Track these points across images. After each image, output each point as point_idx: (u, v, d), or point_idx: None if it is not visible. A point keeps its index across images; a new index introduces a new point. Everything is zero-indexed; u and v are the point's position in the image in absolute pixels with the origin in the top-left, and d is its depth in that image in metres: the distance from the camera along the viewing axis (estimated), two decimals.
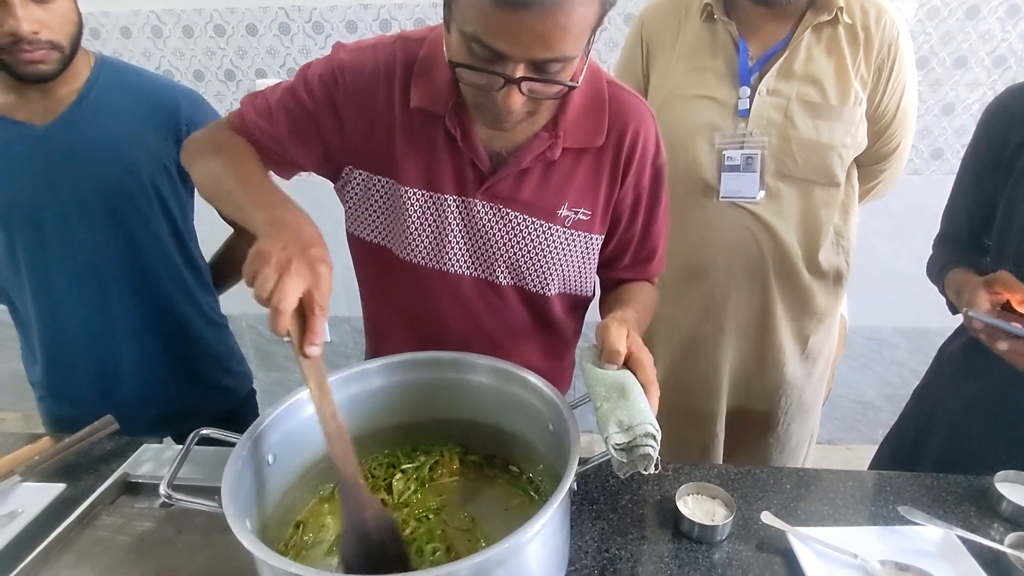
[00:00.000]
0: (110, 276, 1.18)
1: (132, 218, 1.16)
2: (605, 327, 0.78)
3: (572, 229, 0.93)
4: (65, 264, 1.16)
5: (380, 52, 0.89)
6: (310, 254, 0.67)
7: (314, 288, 0.65)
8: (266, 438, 0.75)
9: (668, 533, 0.87)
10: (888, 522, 0.88)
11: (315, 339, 0.66)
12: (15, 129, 1.09)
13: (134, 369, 1.25)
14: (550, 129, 0.88)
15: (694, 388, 1.41)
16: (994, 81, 1.92)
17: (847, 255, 1.33)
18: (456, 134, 0.87)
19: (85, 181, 1.11)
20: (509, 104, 0.73)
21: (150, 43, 2.14)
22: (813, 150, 1.20)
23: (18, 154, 1.09)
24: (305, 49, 2.10)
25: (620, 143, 0.90)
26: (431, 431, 0.91)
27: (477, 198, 0.91)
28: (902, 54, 1.18)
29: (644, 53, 1.31)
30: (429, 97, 0.87)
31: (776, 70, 1.18)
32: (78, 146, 1.11)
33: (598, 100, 0.89)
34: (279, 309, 0.62)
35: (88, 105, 1.12)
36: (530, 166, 0.89)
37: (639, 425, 0.68)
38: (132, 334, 1.23)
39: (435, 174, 0.90)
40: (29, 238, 1.14)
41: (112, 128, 1.13)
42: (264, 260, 0.65)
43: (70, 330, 1.21)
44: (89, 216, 1.13)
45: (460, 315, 0.97)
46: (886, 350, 2.32)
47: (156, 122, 1.16)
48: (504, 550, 0.59)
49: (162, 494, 0.66)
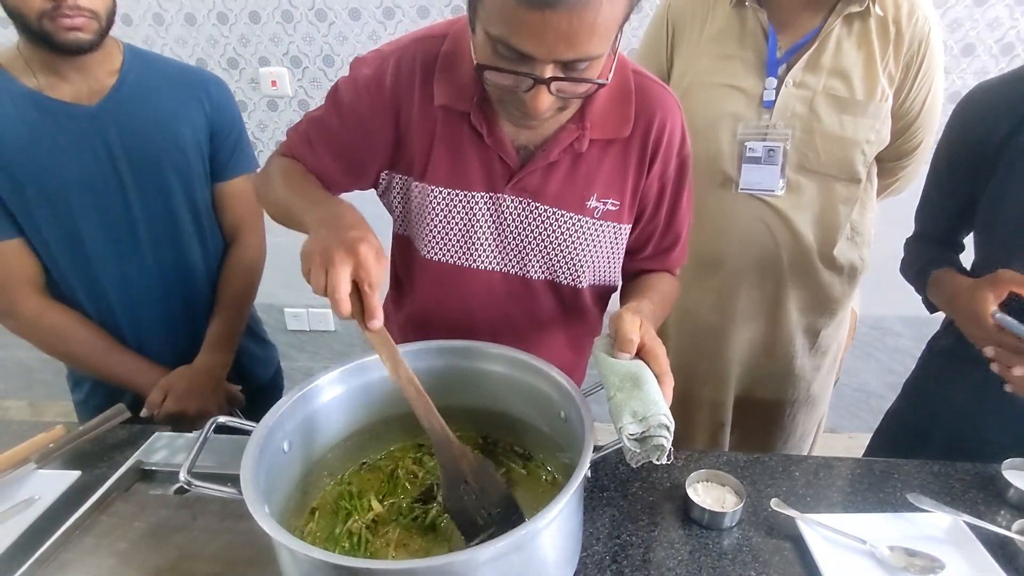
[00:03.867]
0: (157, 246, 1.22)
1: (178, 189, 1.21)
2: (619, 317, 0.79)
3: (601, 220, 0.93)
4: (123, 236, 1.18)
5: (399, 57, 0.89)
6: (349, 238, 0.69)
7: (359, 268, 0.68)
8: (282, 426, 0.76)
9: (678, 520, 0.88)
10: (896, 509, 0.89)
11: (375, 313, 0.69)
12: (66, 109, 1.10)
13: (184, 339, 1.30)
14: (577, 121, 0.87)
15: (703, 377, 1.42)
16: (1002, 69, 1.91)
17: (862, 250, 1.32)
18: (482, 130, 0.87)
19: (140, 157, 1.15)
20: (538, 105, 0.73)
21: (152, 31, 2.13)
22: (836, 145, 1.18)
23: (74, 133, 1.11)
24: (308, 37, 2.09)
25: (647, 133, 0.90)
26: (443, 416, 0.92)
27: (506, 193, 0.91)
28: (932, 51, 1.16)
29: (669, 37, 1.29)
30: (453, 94, 0.87)
31: (804, 62, 1.16)
32: (130, 124, 1.14)
33: (624, 91, 0.89)
34: (334, 298, 0.66)
35: (131, 85, 1.15)
36: (558, 159, 0.89)
37: (653, 416, 0.68)
38: (164, 310, 1.27)
39: (462, 171, 0.91)
40: (92, 213, 1.15)
41: (158, 105, 1.17)
42: (311, 258, 0.69)
43: (115, 301, 1.23)
44: (145, 189, 1.18)
45: (490, 311, 0.98)
46: (890, 339, 2.33)
47: (192, 100, 1.21)
48: (522, 536, 0.60)
49: (182, 480, 0.67)
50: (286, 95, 2.18)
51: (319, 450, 0.83)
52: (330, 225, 0.73)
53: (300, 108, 2.20)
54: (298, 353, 2.65)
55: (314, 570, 0.61)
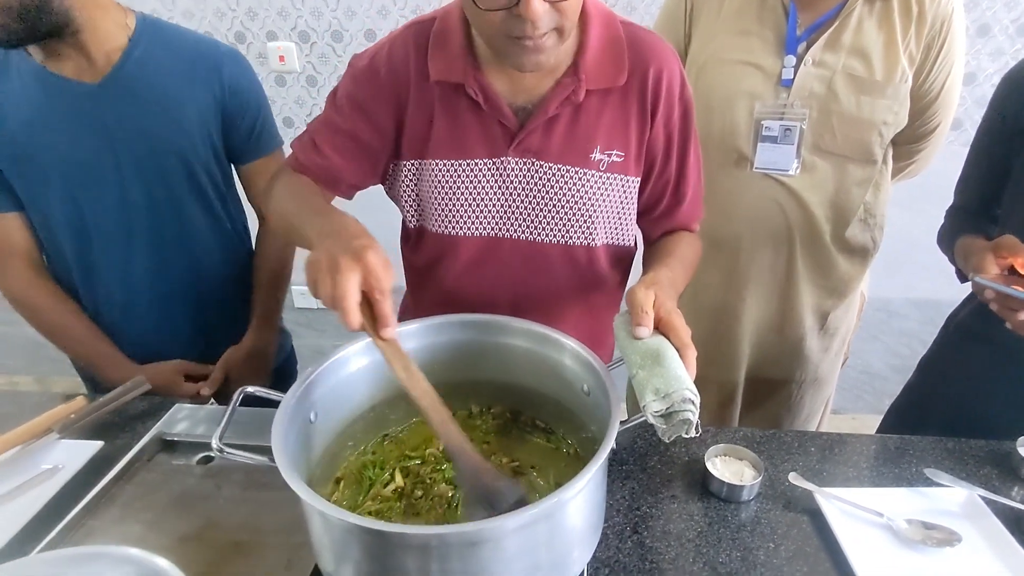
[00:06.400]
0: (162, 231, 1.20)
1: (181, 174, 1.18)
2: (632, 293, 0.79)
3: (607, 172, 0.93)
4: (123, 218, 1.17)
5: (394, 43, 0.91)
6: (354, 246, 0.68)
7: (367, 275, 0.66)
8: (309, 395, 0.76)
9: (697, 493, 0.89)
10: (911, 484, 0.90)
11: (387, 321, 0.68)
12: (66, 86, 1.08)
13: (180, 326, 1.29)
14: (571, 75, 0.88)
15: (714, 355, 1.42)
16: (1017, 50, 1.90)
17: (874, 232, 1.32)
18: (478, 98, 0.88)
19: (139, 137, 1.12)
20: (533, 12, 0.73)
21: (158, 3, 2.11)
22: (853, 126, 1.18)
23: (73, 110, 1.09)
24: (316, 11, 2.06)
25: (644, 81, 0.91)
26: (463, 392, 0.92)
27: (509, 155, 0.91)
28: (954, 32, 1.15)
29: (688, 12, 1.28)
30: (447, 68, 0.88)
31: (824, 41, 1.15)
32: (131, 103, 1.11)
33: (615, 40, 0.90)
34: (342, 308, 0.64)
35: (135, 62, 1.11)
36: (557, 113, 0.90)
37: (676, 391, 0.68)
38: (180, 291, 1.26)
39: (464, 142, 0.91)
40: (91, 193, 1.14)
41: (161, 85, 1.13)
42: (317, 269, 0.67)
43: (122, 284, 1.23)
44: (144, 171, 1.15)
45: (508, 284, 0.98)
46: (896, 321, 2.34)
47: (200, 80, 1.16)
48: (552, 505, 0.61)
49: (214, 448, 0.67)
50: (294, 70, 2.16)
51: (343, 421, 0.83)
52: (334, 235, 0.72)
53: (308, 84, 2.19)
54: (306, 331, 2.65)
55: (347, 535, 0.62)
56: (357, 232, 0.72)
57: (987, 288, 0.93)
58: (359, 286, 0.65)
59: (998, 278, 0.93)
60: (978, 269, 0.96)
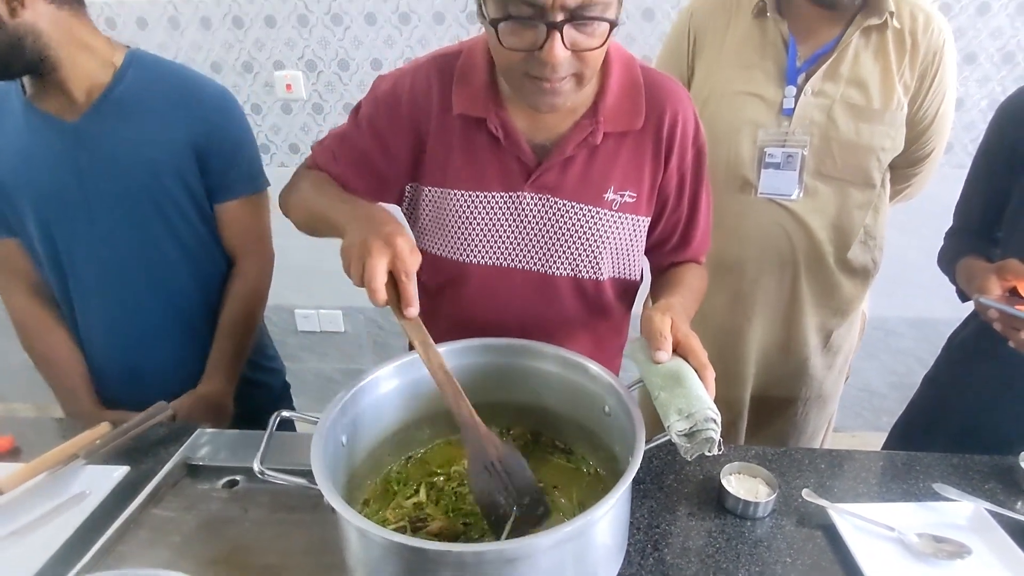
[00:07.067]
0: (135, 272, 1.20)
1: (153, 216, 1.17)
2: (648, 318, 0.82)
3: (619, 212, 0.96)
4: (94, 258, 1.18)
5: (417, 73, 0.95)
6: (384, 231, 0.73)
7: (395, 258, 0.71)
8: (340, 420, 0.79)
9: (713, 510, 0.91)
10: (920, 498, 0.93)
11: (410, 302, 0.73)
12: (48, 122, 1.11)
13: (161, 365, 1.28)
14: (590, 116, 0.92)
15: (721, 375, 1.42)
16: (1003, 77, 1.97)
17: (875, 253, 1.37)
18: (499, 134, 0.91)
19: (109, 178, 1.13)
20: (554, 57, 0.76)
21: (166, 34, 2.15)
22: (853, 152, 1.23)
23: (49, 147, 1.11)
24: (324, 40, 2.11)
25: (660, 125, 0.94)
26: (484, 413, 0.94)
27: (525, 191, 0.95)
28: (946, 63, 1.21)
29: (691, 45, 1.33)
30: (470, 102, 0.92)
31: (823, 71, 1.21)
32: (104, 142, 1.11)
33: (634, 84, 0.93)
34: (371, 287, 0.70)
35: (114, 101, 1.11)
36: (574, 154, 0.93)
37: (698, 411, 0.71)
38: (157, 330, 1.26)
39: (483, 174, 0.95)
40: (64, 230, 1.16)
41: (137, 125, 1.12)
42: (349, 253, 0.74)
43: (100, 323, 1.24)
44: (114, 212, 1.15)
45: (517, 311, 1.01)
46: (893, 340, 2.38)
47: (178, 119, 1.14)
48: (583, 524, 0.63)
49: (256, 471, 0.70)
50: (300, 98, 2.21)
51: (371, 443, 0.86)
52: (365, 221, 0.77)
53: (314, 111, 2.23)
54: (308, 355, 2.67)
55: (386, 553, 0.64)
56: (385, 219, 0.78)
57: (991, 308, 0.97)
58: (387, 268, 0.71)
59: (1001, 299, 0.97)
60: (982, 290, 1.00)
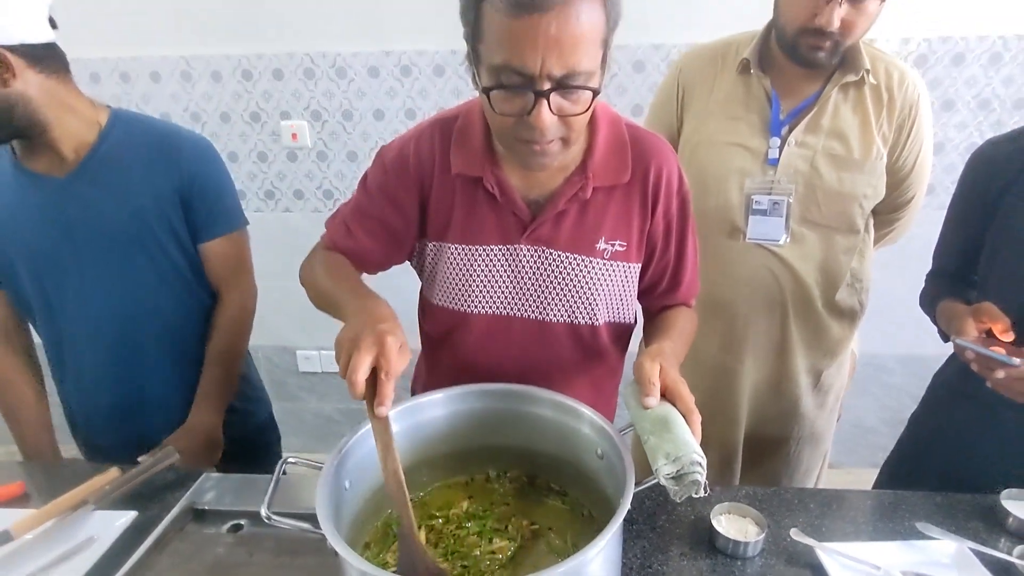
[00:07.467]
0: (124, 312, 1.27)
1: (141, 259, 1.24)
2: (639, 365, 0.87)
3: (611, 260, 1.02)
4: (84, 304, 1.25)
5: (421, 136, 1.02)
6: (377, 329, 0.77)
7: (380, 356, 0.74)
8: (344, 464, 0.82)
9: (704, 550, 0.94)
10: (905, 537, 0.96)
11: (384, 401, 0.75)
12: (36, 181, 1.19)
13: (152, 401, 1.34)
14: (580, 172, 0.98)
15: (714, 415, 1.49)
16: (980, 122, 2.05)
17: (861, 296, 1.43)
18: (495, 191, 0.98)
19: (98, 227, 1.20)
20: (542, 122, 0.81)
21: (179, 87, 2.24)
22: (836, 199, 1.29)
23: (38, 204, 1.19)
24: (328, 92, 2.20)
25: (646, 178, 1.00)
26: (481, 457, 0.99)
27: (521, 244, 1.00)
28: (921, 115, 1.29)
29: (680, 97, 1.41)
30: (467, 162, 0.98)
31: (805, 124, 1.28)
32: (91, 196, 1.19)
33: (620, 141, 1.00)
34: (350, 380, 0.73)
35: (100, 157, 1.20)
36: (566, 208, 0.99)
37: (685, 455, 0.75)
38: (149, 368, 1.32)
39: (481, 229, 1.01)
40: (54, 281, 1.24)
41: (123, 178, 1.20)
42: (340, 345, 0.78)
43: (92, 365, 1.31)
44: (103, 261, 1.23)
45: (516, 357, 1.06)
46: (885, 376, 2.42)
47: (161, 170, 1.22)
48: (576, 564, 0.66)
49: (263, 515, 0.73)
50: (305, 147, 2.29)
51: (373, 487, 0.88)
52: (365, 317, 0.81)
53: (318, 159, 2.31)
54: (308, 395, 2.69)
55: None
56: (383, 316, 0.81)
57: (967, 349, 1.02)
58: (371, 364, 0.74)
59: (978, 340, 1.02)
60: (959, 332, 1.05)
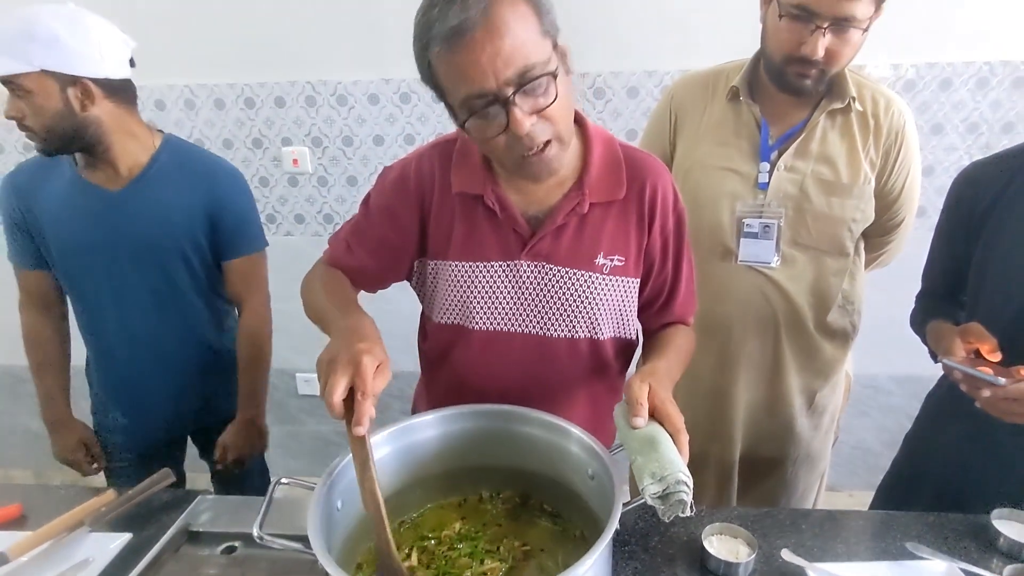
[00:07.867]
0: (151, 314, 1.46)
1: (179, 265, 1.44)
2: (628, 386, 0.88)
3: (610, 275, 1.04)
4: (115, 296, 1.44)
5: (422, 158, 1.06)
6: (355, 350, 0.78)
7: (356, 377, 0.76)
8: (336, 485, 0.83)
9: (696, 571, 0.94)
10: (896, 557, 0.96)
11: (360, 420, 0.76)
12: (92, 191, 1.38)
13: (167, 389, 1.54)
14: (576, 189, 1.01)
15: (710, 436, 1.49)
16: (969, 145, 2.08)
17: (853, 317, 1.44)
18: (495, 208, 1.00)
19: (136, 238, 1.40)
20: (521, 126, 0.84)
21: (183, 114, 2.29)
22: (826, 223, 1.32)
23: (92, 212, 1.38)
24: (329, 119, 2.25)
25: (642, 194, 1.03)
26: (474, 477, 0.99)
27: (522, 260, 1.02)
28: (908, 141, 1.32)
29: (672, 123, 1.44)
30: (468, 181, 1.02)
31: (794, 149, 1.31)
32: (136, 210, 1.39)
33: (615, 159, 1.03)
34: (327, 401, 0.75)
35: (149, 177, 1.40)
36: (564, 222, 1.01)
37: (670, 474, 0.76)
38: (167, 363, 1.51)
39: (481, 246, 1.03)
40: (98, 278, 1.42)
41: (165, 195, 1.40)
42: (320, 366, 0.80)
43: (119, 359, 1.51)
44: (137, 266, 1.42)
45: (518, 373, 1.07)
46: (882, 397, 2.41)
47: (197, 193, 1.43)
48: None
49: (255, 535, 0.74)
50: (306, 172, 2.32)
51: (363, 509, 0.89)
52: (346, 336, 0.82)
53: (319, 184, 2.34)
54: (308, 417, 2.69)
55: None
56: (364, 335, 0.83)
57: (955, 370, 1.03)
58: (347, 385, 0.75)
59: (965, 360, 1.03)
60: (947, 352, 1.06)
